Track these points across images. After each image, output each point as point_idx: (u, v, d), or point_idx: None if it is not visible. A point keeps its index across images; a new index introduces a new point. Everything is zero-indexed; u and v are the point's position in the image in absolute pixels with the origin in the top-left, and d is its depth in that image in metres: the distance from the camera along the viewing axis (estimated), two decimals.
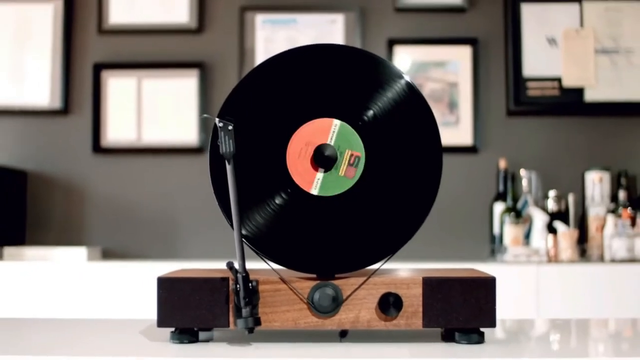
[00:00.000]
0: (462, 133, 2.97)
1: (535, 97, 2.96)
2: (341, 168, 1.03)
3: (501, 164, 2.88)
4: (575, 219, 2.83)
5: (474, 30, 3.02)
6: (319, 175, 1.03)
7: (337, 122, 1.03)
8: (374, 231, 1.04)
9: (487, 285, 1.02)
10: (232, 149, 1.01)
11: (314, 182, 1.03)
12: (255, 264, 1.11)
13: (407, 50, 3.00)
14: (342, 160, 1.03)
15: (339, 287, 1.02)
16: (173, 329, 1.04)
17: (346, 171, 1.03)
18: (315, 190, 1.02)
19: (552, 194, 2.85)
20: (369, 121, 1.04)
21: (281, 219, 1.04)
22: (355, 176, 1.03)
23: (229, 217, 1.02)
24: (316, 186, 1.02)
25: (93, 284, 2.58)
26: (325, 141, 1.03)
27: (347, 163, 1.03)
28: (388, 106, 1.05)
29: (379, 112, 1.04)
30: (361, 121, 1.04)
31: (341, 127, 1.03)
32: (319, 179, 1.03)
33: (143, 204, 3.01)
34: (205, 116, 1.08)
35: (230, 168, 1.01)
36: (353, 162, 1.02)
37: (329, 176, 1.03)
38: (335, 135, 1.03)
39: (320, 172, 1.03)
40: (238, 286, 0.99)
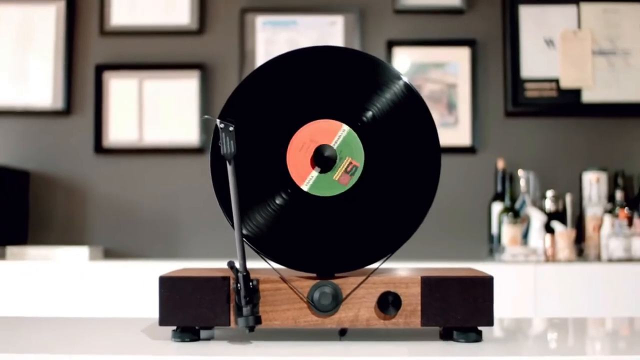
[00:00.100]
0: (461, 133, 2.97)
1: (533, 98, 2.96)
2: (337, 172, 1.03)
3: (499, 165, 2.88)
4: (573, 219, 2.83)
5: (472, 31, 3.02)
6: (314, 173, 1.03)
7: (346, 128, 1.03)
8: (373, 231, 1.05)
9: (485, 285, 1.02)
10: (233, 149, 1.01)
11: (308, 178, 1.03)
12: (255, 264, 1.11)
13: (406, 52, 3.00)
14: (340, 166, 1.03)
15: (338, 286, 1.02)
16: (174, 327, 1.05)
17: (341, 177, 1.03)
18: (306, 187, 1.03)
19: (549, 194, 2.85)
20: (368, 122, 1.04)
21: (281, 219, 1.04)
22: (348, 184, 1.03)
23: (230, 217, 1.03)
24: (308, 183, 1.03)
25: (95, 283, 2.58)
26: (330, 143, 1.03)
27: (344, 169, 1.03)
28: (387, 107, 1.05)
29: (377, 113, 1.05)
30: (360, 122, 1.04)
31: (349, 133, 1.03)
32: (313, 176, 1.03)
33: (144, 203, 3.01)
34: (206, 117, 1.08)
35: (231, 168, 1.01)
36: (350, 170, 1.03)
37: (323, 177, 1.03)
38: (340, 139, 1.03)
39: (316, 170, 1.03)
40: (239, 285, 0.99)
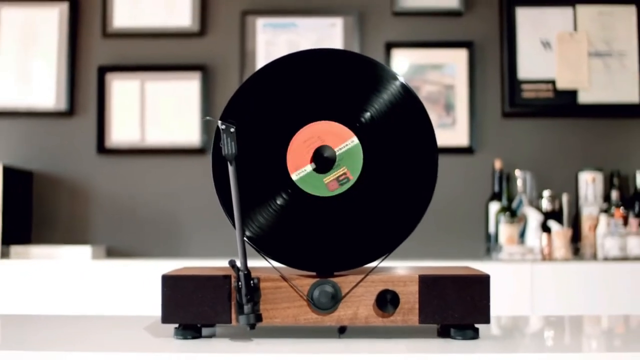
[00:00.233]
0: (459, 134, 2.98)
1: (530, 99, 2.96)
2: (329, 177, 1.03)
3: (496, 165, 2.89)
4: (569, 218, 2.84)
5: (470, 33, 3.02)
6: (309, 168, 1.03)
7: (356, 140, 1.03)
8: (372, 230, 1.05)
9: (482, 283, 1.03)
10: (234, 150, 1.01)
11: (301, 170, 1.03)
12: (256, 262, 1.11)
13: (405, 53, 3.01)
14: (335, 172, 1.03)
15: (337, 285, 1.02)
16: (177, 325, 1.05)
17: (331, 182, 1.03)
18: (295, 176, 1.03)
19: (546, 193, 2.85)
20: (366, 123, 1.05)
21: (282, 218, 1.05)
22: (334, 191, 1.03)
23: (231, 217, 1.03)
24: (299, 174, 1.03)
25: (97, 281, 2.58)
26: (334, 147, 1.03)
27: (336, 176, 1.03)
28: (384, 108, 1.05)
29: (375, 114, 1.05)
30: (359, 123, 1.04)
31: (356, 146, 1.03)
32: (305, 170, 1.03)
33: (146, 203, 3.01)
34: (207, 119, 1.08)
35: (232, 169, 1.01)
36: (342, 179, 1.03)
37: (315, 175, 1.03)
38: (346, 148, 1.03)
39: (311, 166, 1.03)
40: (240, 284, 0.99)
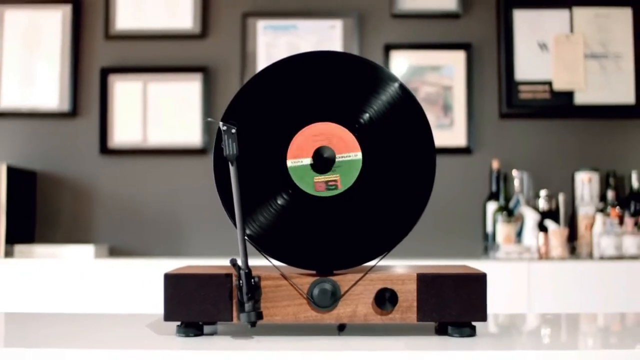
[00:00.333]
0: (457, 135, 2.98)
1: (527, 100, 2.97)
2: (320, 178, 1.04)
3: (494, 165, 2.89)
4: (566, 217, 2.84)
5: (468, 35, 3.03)
6: (306, 161, 1.04)
7: (360, 156, 1.04)
8: (371, 229, 1.05)
9: (479, 281, 1.03)
10: (235, 151, 1.02)
11: (297, 160, 1.04)
12: (257, 261, 1.12)
13: (404, 55, 3.01)
14: (327, 175, 1.04)
15: (337, 283, 1.03)
16: (179, 322, 1.05)
17: (319, 183, 1.04)
18: (289, 163, 1.03)
19: (543, 193, 2.86)
20: (365, 124, 1.05)
21: (282, 218, 1.05)
22: (318, 194, 1.03)
23: (232, 217, 1.03)
24: (295, 163, 1.03)
25: (100, 280, 2.59)
26: (337, 153, 1.04)
27: (326, 180, 1.04)
28: (383, 109, 1.06)
29: (374, 115, 1.05)
30: (358, 124, 1.05)
31: (356, 161, 1.03)
32: (302, 162, 1.04)
33: (148, 203, 3.02)
34: (209, 120, 1.09)
35: (233, 170, 1.02)
36: (331, 185, 1.03)
37: (309, 170, 1.04)
38: (346, 159, 1.04)
39: (309, 160, 1.04)
40: (241, 282, 1.00)
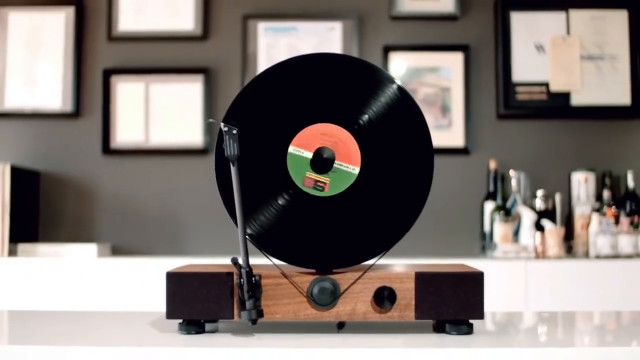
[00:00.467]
0: (454, 135, 2.99)
1: (524, 101, 2.97)
2: (312, 175, 1.04)
3: (491, 165, 2.90)
4: (562, 217, 2.84)
5: (465, 37, 3.03)
6: (306, 154, 1.04)
7: (357, 171, 1.04)
8: (370, 229, 1.06)
9: (476, 280, 1.03)
10: (236, 151, 1.02)
11: (299, 150, 1.04)
12: (258, 260, 1.12)
13: (402, 57, 3.02)
14: (319, 174, 1.04)
15: (336, 281, 1.03)
16: (181, 320, 1.06)
17: (308, 179, 1.04)
18: (291, 149, 1.04)
19: (539, 193, 2.86)
20: (364, 125, 1.05)
21: (282, 218, 1.05)
22: (304, 188, 1.04)
23: (234, 216, 1.03)
24: (294, 151, 1.04)
25: (103, 279, 2.59)
26: (337, 159, 1.04)
27: (315, 179, 1.04)
28: (382, 110, 1.06)
29: (373, 116, 1.06)
30: (357, 125, 1.05)
31: (352, 175, 1.04)
32: (302, 153, 1.04)
33: (150, 202, 3.02)
34: (210, 121, 1.09)
35: (234, 170, 1.02)
36: (319, 185, 1.04)
37: (305, 164, 1.04)
38: (341, 169, 1.04)
39: (309, 154, 1.04)
40: (242, 280, 1.00)
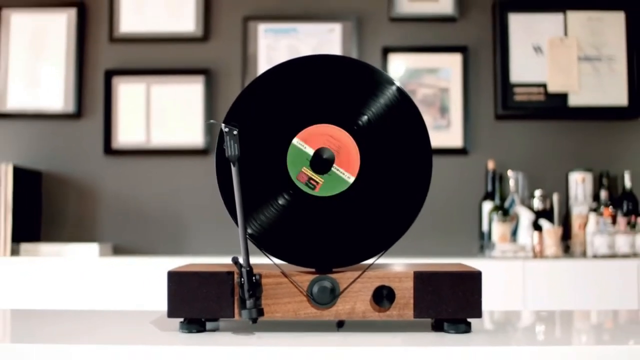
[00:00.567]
0: (453, 136, 2.99)
1: (522, 102, 2.97)
2: (307, 170, 1.05)
3: (490, 165, 2.90)
4: (560, 217, 2.85)
5: (464, 38, 3.03)
6: (308, 150, 1.05)
7: (351, 180, 1.05)
8: (369, 228, 1.06)
9: (474, 279, 1.04)
10: (237, 152, 1.02)
11: (303, 144, 1.05)
12: (258, 259, 1.12)
13: (401, 58, 3.02)
14: (313, 172, 1.04)
15: (336, 281, 1.03)
16: (182, 319, 1.06)
17: (302, 174, 1.05)
18: (295, 141, 1.04)
19: (537, 193, 2.86)
20: (364, 125, 1.06)
21: (282, 217, 1.05)
22: (296, 181, 1.04)
23: (234, 216, 1.04)
24: (297, 144, 1.04)
25: (104, 278, 2.59)
26: (336, 163, 1.04)
27: (310, 176, 1.05)
28: (381, 111, 1.06)
29: (373, 117, 1.06)
30: (356, 125, 1.05)
31: (345, 182, 1.04)
32: (305, 148, 1.05)
33: (151, 202, 3.02)
34: (211, 122, 1.09)
35: (235, 170, 1.02)
36: (311, 183, 1.04)
37: (305, 159, 1.05)
38: (339, 175, 1.04)
39: (311, 151, 1.05)
40: (242, 279, 1.00)
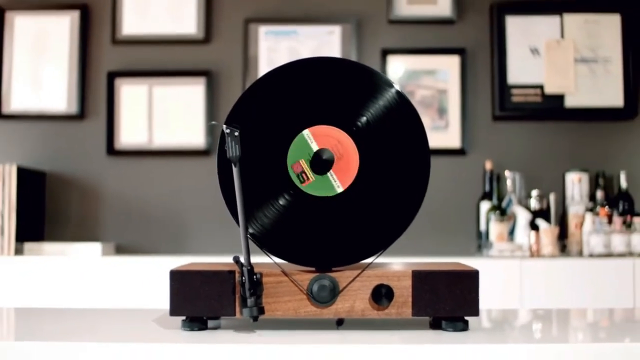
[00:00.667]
0: (451, 136, 2.99)
1: (519, 103, 2.98)
2: (301, 163, 1.06)
3: (487, 166, 2.90)
4: (556, 216, 2.85)
5: (462, 40, 3.04)
6: (314, 145, 1.06)
7: (340, 190, 1.05)
8: (368, 228, 1.06)
9: (471, 278, 1.04)
10: (238, 153, 1.02)
11: (309, 139, 1.05)
12: (259, 258, 1.13)
13: (400, 60, 3.02)
14: (309, 170, 1.05)
15: (335, 279, 1.04)
16: (184, 317, 1.06)
17: (297, 165, 1.06)
18: (306, 131, 1.06)
19: (534, 193, 2.86)
20: (363, 127, 1.06)
21: (283, 217, 1.06)
22: (290, 170, 1.05)
23: (235, 216, 1.04)
24: (305, 136, 1.05)
25: (107, 277, 2.59)
26: (332, 169, 1.05)
27: (304, 169, 1.05)
28: (380, 113, 1.07)
29: (371, 119, 1.06)
30: (355, 127, 1.06)
31: (333, 188, 1.05)
32: (312, 142, 1.06)
33: (154, 202, 3.03)
34: (213, 123, 1.10)
35: (236, 171, 1.02)
36: (303, 177, 1.05)
37: (307, 152, 1.05)
38: (331, 180, 1.05)
39: (315, 147, 1.05)
40: (244, 278, 1.01)
